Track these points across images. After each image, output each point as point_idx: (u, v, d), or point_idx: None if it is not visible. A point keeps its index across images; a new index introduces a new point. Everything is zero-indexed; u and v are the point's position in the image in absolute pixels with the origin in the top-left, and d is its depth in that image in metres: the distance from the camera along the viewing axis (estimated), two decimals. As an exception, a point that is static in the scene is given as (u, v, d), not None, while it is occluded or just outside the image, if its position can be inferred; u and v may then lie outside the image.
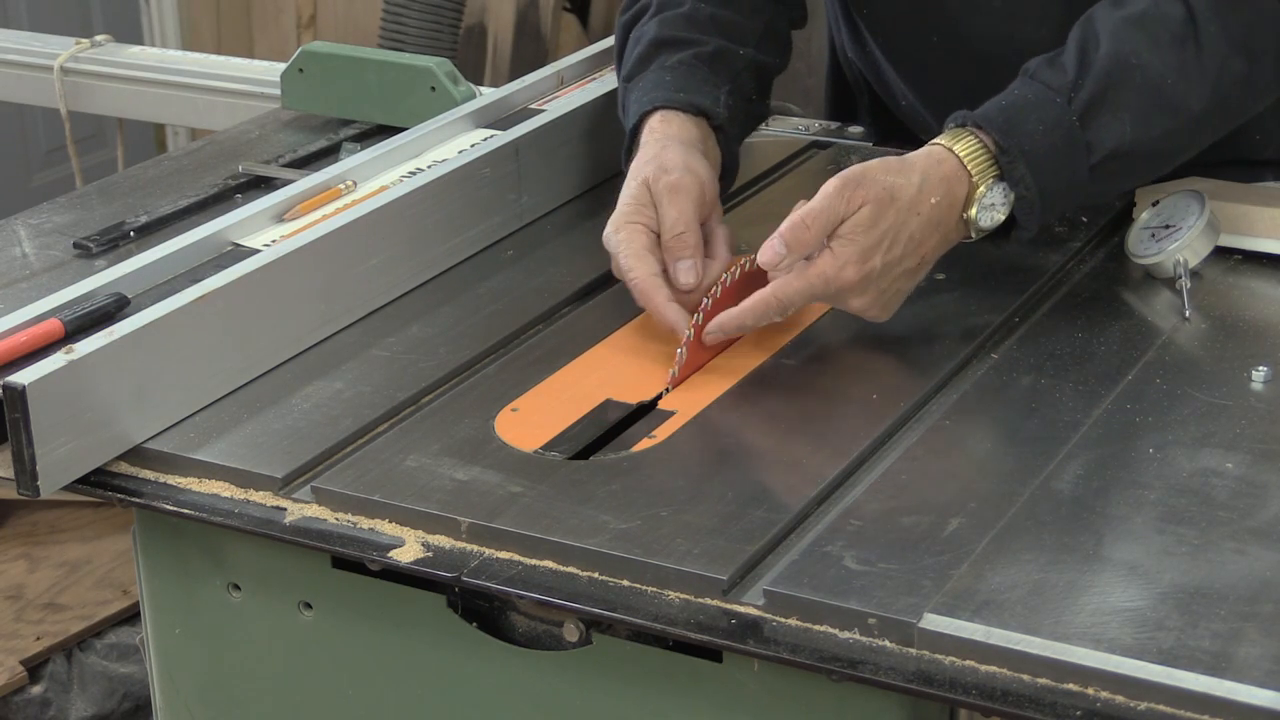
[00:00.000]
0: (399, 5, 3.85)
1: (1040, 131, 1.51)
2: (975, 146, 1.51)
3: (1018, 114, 1.52)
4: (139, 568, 1.43)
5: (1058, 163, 1.52)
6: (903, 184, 1.48)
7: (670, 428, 1.41)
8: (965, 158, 1.51)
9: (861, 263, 1.46)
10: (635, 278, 1.53)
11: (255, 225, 1.67)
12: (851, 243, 1.46)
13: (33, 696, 2.47)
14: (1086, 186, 1.55)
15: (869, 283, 1.48)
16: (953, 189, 1.50)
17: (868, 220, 1.46)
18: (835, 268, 1.46)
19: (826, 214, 1.46)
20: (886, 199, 1.47)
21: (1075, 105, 1.53)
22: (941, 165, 1.50)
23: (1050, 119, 1.52)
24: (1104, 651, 1.13)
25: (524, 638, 1.30)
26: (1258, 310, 1.59)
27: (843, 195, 1.46)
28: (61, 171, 3.91)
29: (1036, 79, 1.55)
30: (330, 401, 1.46)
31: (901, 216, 1.47)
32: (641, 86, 1.70)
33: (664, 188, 1.56)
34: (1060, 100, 1.53)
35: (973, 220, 1.51)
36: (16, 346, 1.43)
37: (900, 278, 1.50)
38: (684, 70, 1.69)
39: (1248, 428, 1.38)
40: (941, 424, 1.41)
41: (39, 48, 2.34)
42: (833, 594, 1.19)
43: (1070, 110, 1.52)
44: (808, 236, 1.45)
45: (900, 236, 1.47)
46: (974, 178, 1.50)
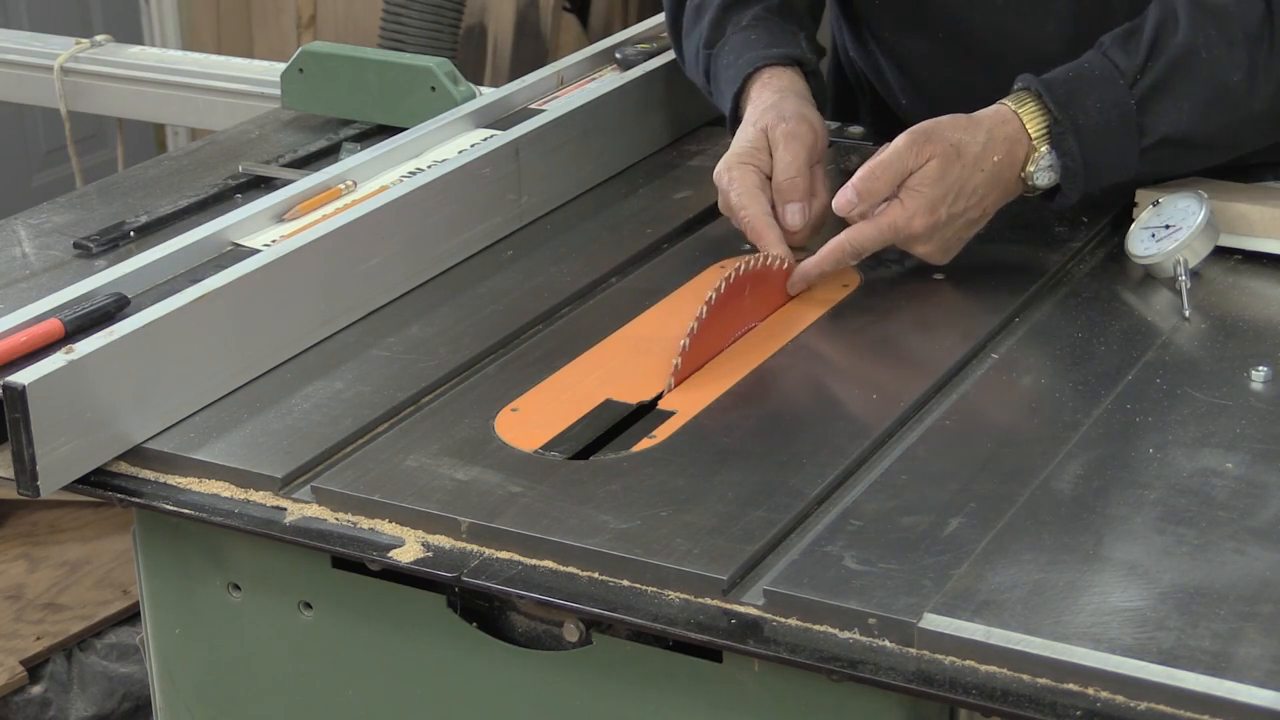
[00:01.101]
0: (399, 5, 3.85)
1: (1097, 109, 1.58)
2: (1037, 111, 1.59)
3: (1080, 86, 1.58)
4: (139, 568, 1.43)
5: (1108, 141, 1.58)
6: (969, 141, 1.56)
7: (670, 428, 1.41)
8: (1026, 120, 1.58)
9: (930, 214, 1.55)
10: (747, 215, 1.60)
11: (255, 225, 1.67)
12: (920, 194, 1.55)
13: (33, 696, 2.47)
14: (1135, 166, 1.61)
15: (935, 231, 1.56)
16: (1014, 149, 1.58)
17: (935, 173, 1.55)
18: (905, 218, 1.55)
19: (896, 165, 1.55)
20: (953, 154, 1.55)
21: (1138, 89, 1.58)
22: (1005, 125, 1.58)
23: (1109, 99, 1.58)
24: (1104, 651, 1.13)
25: (524, 638, 1.30)
26: (1258, 310, 1.59)
27: (912, 149, 1.55)
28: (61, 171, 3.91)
29: (1108, 56, 1.60)
30: (330, 401, 1.46)
31: (967, 171, 1.56)
32: (730, 50, 1.76)
33: (781, 134, 1.63)
34: (1123, 82, 1.58)
35: (1029, 178, 1.59)
36: (16, 346, 1.43)
37: (963, 227, 1.58)
38: (764, 26, 1.76)
39: (1248, 428, 1.38)
40: (941, 424, 1.41)
41: (39, 48, 2.34)
42: (833, 594, 1.19)
43: (1131, 93, 1.58)
44: (878, 186, 1.55)
45: (965, 190, 1.56)
46: (1033, 140, 1.58)
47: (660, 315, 1.57)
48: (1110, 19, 1.64)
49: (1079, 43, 1.64)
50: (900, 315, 1.57)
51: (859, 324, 1.56)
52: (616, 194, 1.86)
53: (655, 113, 1.94)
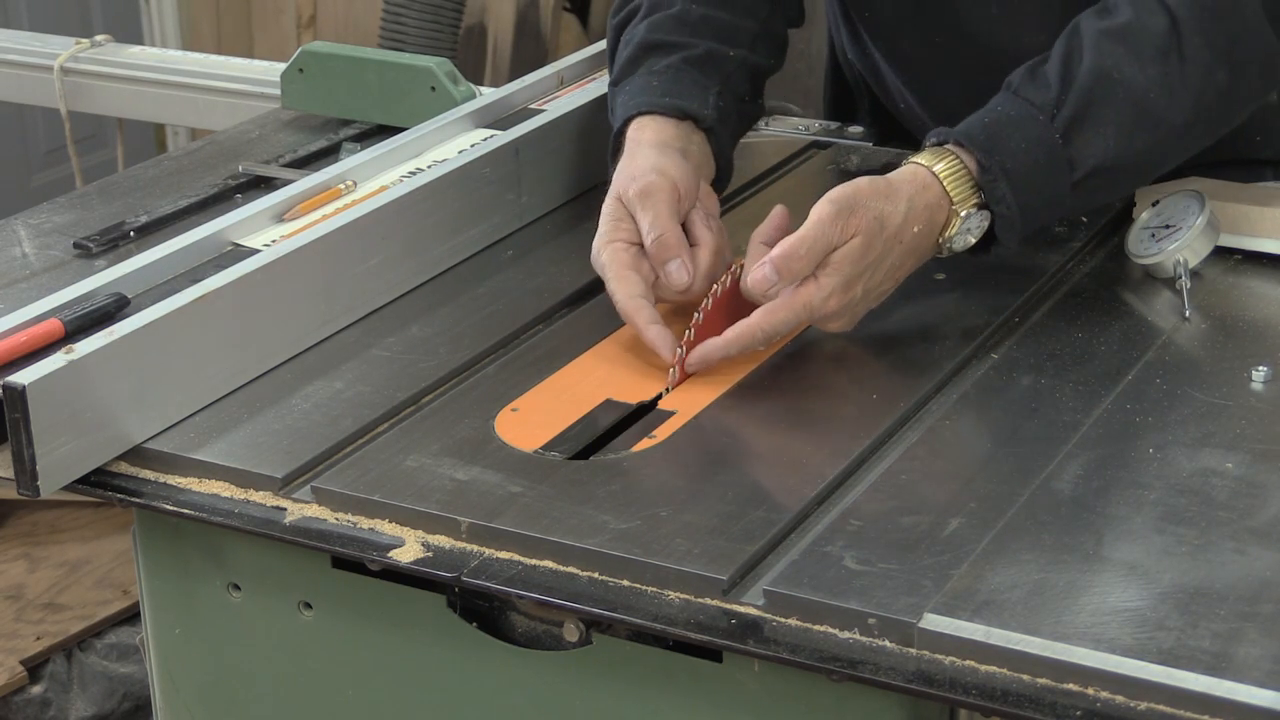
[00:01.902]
0: (399, 5, 3.85)
1: (1023, 150, 1.51)
2: (956, 168, 1.51)
3: (1000, 131, 1.52)
4: (139, 568, 1.43)
5: (1039, 180, 1.52)
6: (890, 212, 1.48)
7: (670, 428, 1.41)
8: (946, 182, 1.51)
9: (845, 292, 1.47)
10: (618, 300, 1.52)
11: (255, 225, 1.67)
12: (838, 273, 1.46)
13: (33, 696, 2.47)
14: (1068, 202, 1.55)
15: (847, 309, 1.49)
16: (934, 216, 1.51)
17: (858, 252, 1.46)
18: (820, 298, 1.46)
19: (820, 242, 1.45)
20: (876, 229, 1.47)
21: (1058, 123, 1.52)
22: (926, 192, 1.50)
23: (1033, 136, 1.52)
24: (1104, 651, 1.13)
25: (524, 638, 1.30)
26: (1258, 310, 1.59)
27: (836, 224, 1.46)
28: (61, 171, 3.91)
29: (1020, 95, 1.54)
30: (330, 401, 1.46)
31: (888, 245, 1.48)
32: (627, 91, 1.68)
33: (634, 196, 1.55)
34: (1043, 118, 1.52)
35: (947, 242, 1.52)
36: (16, 346, 1.43)
37: (873, 300, 1.51)
38: (671, 74, 1.68)
39: (1248, 428, 1.38)
40: (941, 424, 1.41)
41: (39, 48, 2.34)
42: (833, 594, 1.19)
43: (1053, 128, 1.52)
44: (799, 266, 1.45)
45: (883, 265, 1.48)
46: (954, 204, 1.51)
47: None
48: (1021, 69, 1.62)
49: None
50: (900, 315, 1.57)
51: (859, 324, 1.56)
52: (616, 194, 1.86)
53: (655, 113, 1.94)
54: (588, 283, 1.65)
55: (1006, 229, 1.53)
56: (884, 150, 1.93)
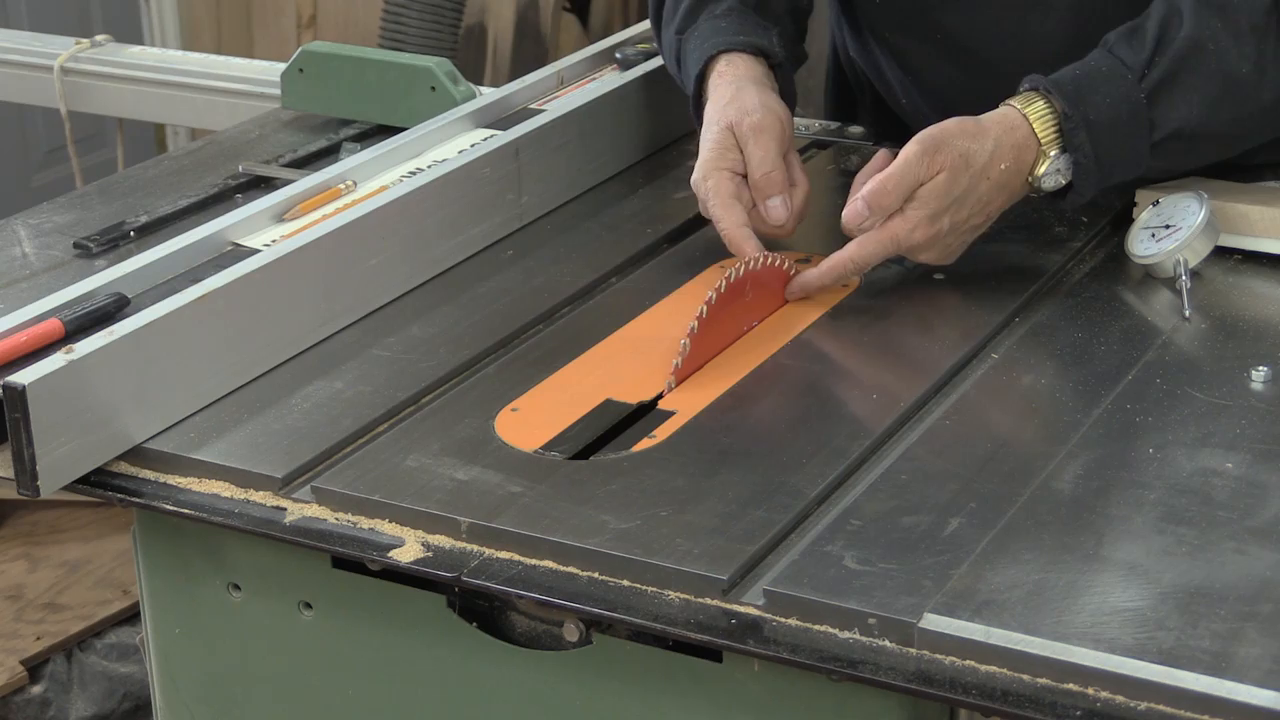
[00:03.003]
0: (399, 5, 3.85)
1: (1107, 104, 1.57)
2: (1045, 111, 1.58)
3: (1088, 84, 1.57)
4: (139, 568, 1.43)
5: (1119, 136, 1.57)
6: (976, 150, 1.55)
7: (670, 428, 1.41)
8: (1035, 123, 1.57)
9: (931, 225, 1.55)
10: (724, 228, 1.60)
11: (255, 225, 1.67)
12: (924, 206, 1.54)
13: (33, 696, 2.47)
14: (1146, 161, 1.60)
15: (936, 240, 1.56)
16: (1021, 155, 1.57)
17: (943, 187, 1.54)
18: (906, 230, 1.55)
19: (908, 178, 1.54)
20: (962, 165, 1.54)
21: (1146, 83, 1.57)
22: (1014, 132, 1.57)
23: (1118, 94, 1.57)
24: (1104, 651, 1.13)
25: (524, 638, 1.30)
26: (1258, 310, 1.59)
27: (922, 161, 1.54)
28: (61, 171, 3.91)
29: (1113, 52, 1.59)
30: (330, 401, 1.46)
31: (974, 181, 1.55)
32: (698, 35, 1.75)
33: (748, 129, 1.63)
34: (1131, 77, 1.57)
35: (1037, 181, 1.58)
36: (16, 346, 1.43)
37: (966, 233, 1.59)
38: (735, 16, 1.75)
39: (1248, 428, 1.38)
40: (941, 424, 1.41)
41: (39, 48, 2.34)
42: (833, 594, 1.19)
43: (1140, 88, 1.57)
44: (889, 201, 1.54)
45: (969, 199, 1.55)
46: (1042, 145, 1.57)
47: (660, 315, 1.57)
48: (1112, 16, 1.64)
49: (1081, 41, 1.64)
50: (900, 315, 1.57)
51: (859, 324, 1.56)
52: (616, 194, 1.86)
53: (655, 113, 1.94)
54: (588, 283, 1.65)
55: (1083, 178, 1.58)
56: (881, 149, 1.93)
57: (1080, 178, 1.58)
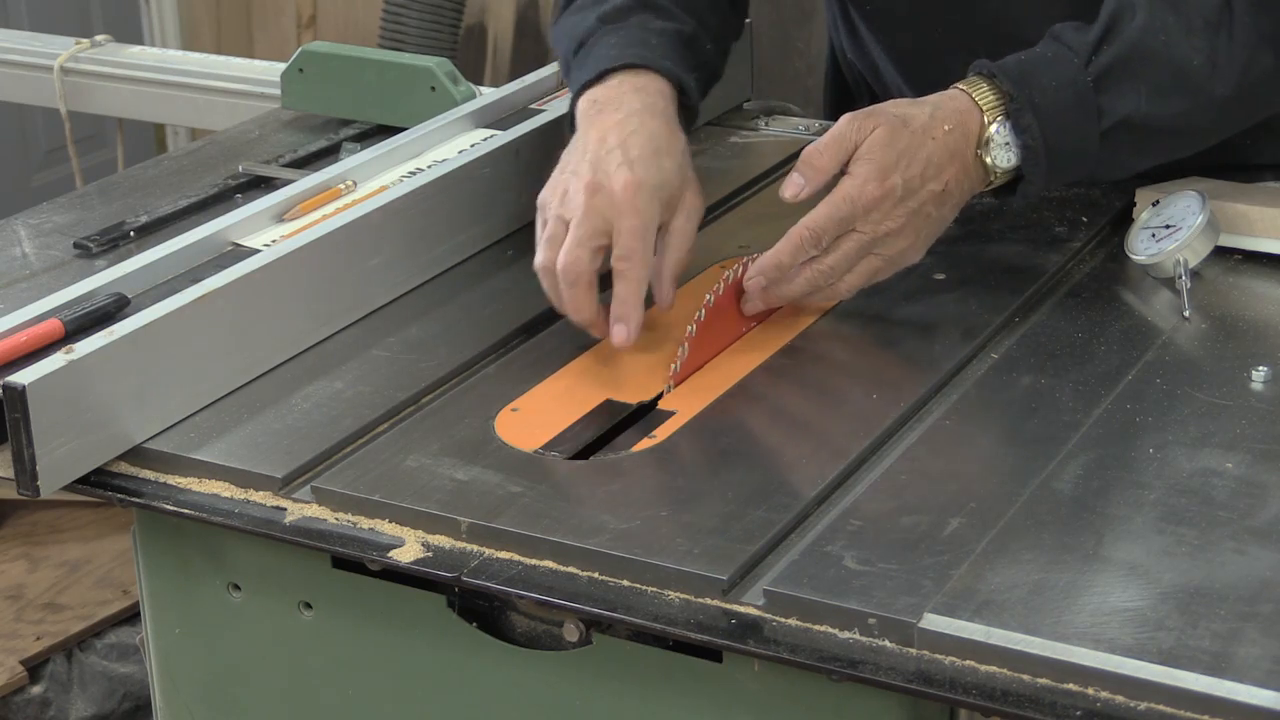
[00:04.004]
0: (399, 5, 3.84)
1: (1053, 87, 1.54)
2: (988, 90, 1.55)
3: (1033, 68, 1.55)
4: (139, 568, 1.43)
5: (1066, 120, 1.55)
6: (915, 113, 1.52)
7: (670, 428, 1.41)
8: (977, 97, 1.55)
9: (881, 179, 1.49)
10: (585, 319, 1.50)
11: (255, 225, 1.67)
12: (869, 161, 1.49)
13: (33, 696, 2.47)
14: (1096, 152, 1.57)
15: (895, 203, 1.49)
16: (965, 121, 1.54)
17: (883, 140, 1.49)
18: (857, 187, 1.48)
19: (838, 141, 1.50)
20: (899, 123, 1.51)
21: (1092, 69, 1.55)
22: (954, 100, 1.55)
23: (1064, 77, 1.55)
24: (1104, 651, 1.13)
25: (524, 638, 1.30)
26: (1258, 310, 1.59)
27: (853, 124, 1.50)
28: (61, 171, 3.91)
29: (1059, 39, 1.58)
30: (330, 401, 1.46)
31: (917, 139, 1.51)
32: (622, 35, 1.64)
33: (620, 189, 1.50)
34: (1077, 61, 1.55)
35: (988, 156, 1.54)
36: (16, 346, 1.43)
37: (928, 203, 1.51)
38: (668, 40, 1.66)
39: (1248, 428, 1.38)
40: (941, 424, 1.41)
41: (39, 48, 2.34)
42: (833, 594, 1.19)
43: (1086, 72, 1.55)
44: (821, 162, 1.49)
45: (918, 156, 1.50)
46: (985, 113, 1.54)
47: (659, 314, 1.57)
48: None
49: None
50: (900, 315, 1.57)
51: (859, 324, 1.56)
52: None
53: (655, 113, 1.94)
54: (588, 283, 1.65)
55: (1032, 165, 1.55)
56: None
57: (1028, 162, 1.55)
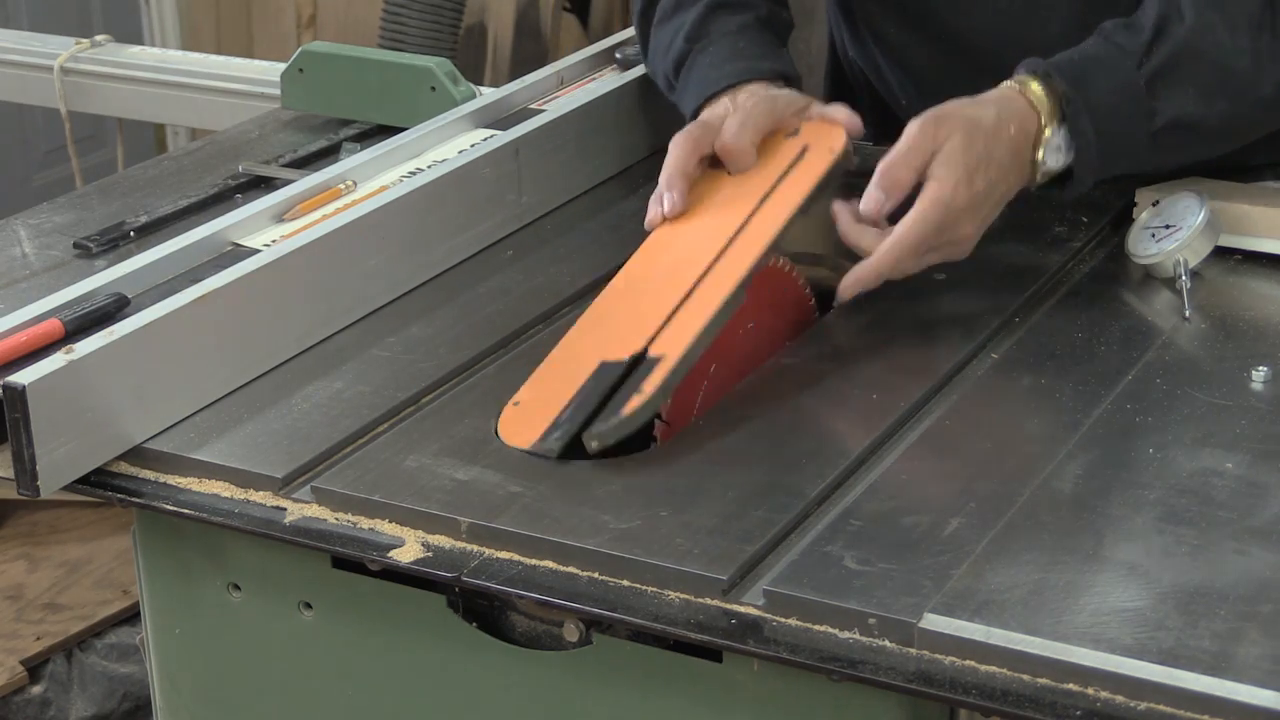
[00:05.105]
0: (399, 5, 3.84)
1: (1107, 89, 1.55)
2: (1043, 92, 1.55)
3: (1089, 68, 1.56)
4: (139, 568, 1.43)
5: (1120, 122, 1.56)
6: (982, 114, 1.52)
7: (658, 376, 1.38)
8: (1034, 99, 1.55)
9: (969, 183, 1.50)
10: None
11: (255, 225, 1.67)
12: (955, 165, 1.49)
13: (33, 696, 2.47)
14: (1144, 152, 1.58)
15: (979, 205, 1.51)
16: (1025, 124, 1.54)
17: (962, 145, 1.50)
18: (949, 190, 1.49)
19: (915, 151, 1.50)
20: (973, 126, 1.51)
21: (1144, 70, 1.56)
22: (1014, 101, 1.55)
23: (1118, 79, 1.56)
24: (1104, 651, 1.13)
25: (524, 638, 1.30)
26: (1258, 310, 1.59)
27: (927, 132, 1.50)
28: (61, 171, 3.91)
29: (1111, 40, 1.58)
30: (330, 401, 1.46)
31: (990, 141, 1.51)
32: (716, 52, 1.72)
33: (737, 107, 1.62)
34: (1130, 63, 1.56)
35: (1040, 161, 1.55)
36: (16, 346, 1.43)
37: (992, 208, 1.53)
38: (751, 37, 1.73)
39: (1248, 428, 1.38)
40: (941, 424, 1.41)
41: (39, 48, 2.34)
42: (833, 594, 1.19)
43: (1139, 74, 1.56)
44: (902, 175, 1.50)
45: (993, 160, 1.51)
46: (1042, 118, 1.54)
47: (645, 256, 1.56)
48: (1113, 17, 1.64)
49: (1082, 40, 1.63)
50: (900, 315, 1.57)
51: (859, 324, 1.56)
52: (616, 194, 1.86)
53: (655, 112, 1.94)
54: (588, 283, 1.65)
55: (1084, 165, 1.56)
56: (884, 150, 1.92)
57: (1080, 162, 1.56)
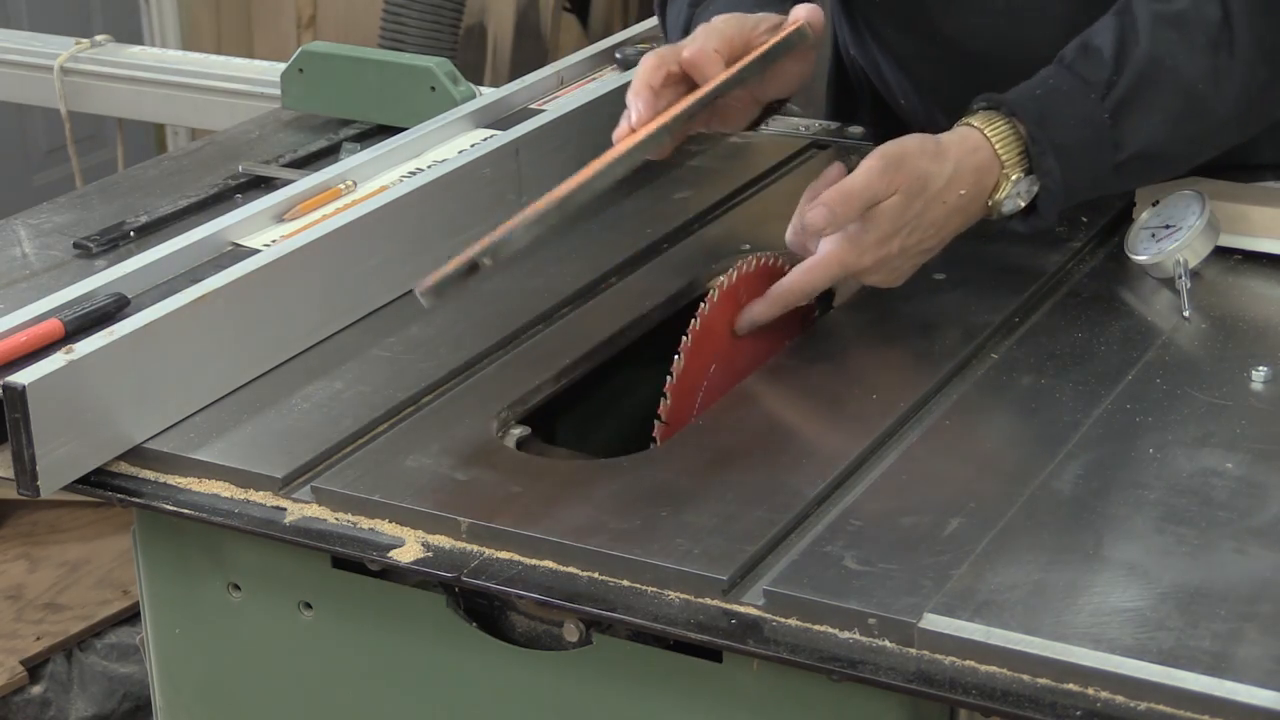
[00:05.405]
0: (399, 5, 3.85)
1: (1072, 125, 1.54)
2: (1008, 133, 1.54)
3: (1052, 104, 1.54)
4: (139, 568, 1.43)
5: (1085, 158, 1.54)
6: (935, 173, 1.50)
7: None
8: (998, 145, 1.53)
9: (879, 248, 1.49)
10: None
11: (255, 225, 1.67)
12: (876, 229, 1.48)
13: (33, 696, 2.47)
14: (1108, 182, 1.58)
15: (883, 265, 1.51)
16: (982, 180, 1.53)
17: (897, 209, 1.49)
18: (855, 255, 1.49)
19: (868, 192, 1.48)
20: (919, 188, 1.49)
21: (1108, 102, 1.55)
22: (975, 155, 1.53)
23: (1082, 113, 1.54)
24: (1104, 651, 1.13)
25: (524, 638, 1.30)
26: (1258, 310, 1.59)
27: (884, 177, 1.48)
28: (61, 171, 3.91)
29: (1073, 70, 1.56)
30: (330, 401, 1.46)
31: (927, 204, 1.50)
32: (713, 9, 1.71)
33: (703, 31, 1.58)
34: (1095, 96, 1.55)
35: (997, 206, 1.54)
36: (16, 346, 1.43)
37: (916, 256, 1.53)
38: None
39: (1248, 428, 1.38)
40: (941, 424, 1.41)
41: (39, 48, 2.34)
42: (833, 594, 1.19)
43: (1102, 107, 1.55)
44: (849, 212, 1.48)
45: (922, 222, 1.50)
46: (1005, 168, 1.53)
47: None
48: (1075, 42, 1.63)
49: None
50: (900, 315, 1.57)
51: (859, 324, 1.56)
52: (616, 194, 1.86)
53: (655, 113, 1.94)
54: (588, 282, 1.65)
55: (1048, 201, 1.55)
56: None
57: (1045, 202, 1.54)
